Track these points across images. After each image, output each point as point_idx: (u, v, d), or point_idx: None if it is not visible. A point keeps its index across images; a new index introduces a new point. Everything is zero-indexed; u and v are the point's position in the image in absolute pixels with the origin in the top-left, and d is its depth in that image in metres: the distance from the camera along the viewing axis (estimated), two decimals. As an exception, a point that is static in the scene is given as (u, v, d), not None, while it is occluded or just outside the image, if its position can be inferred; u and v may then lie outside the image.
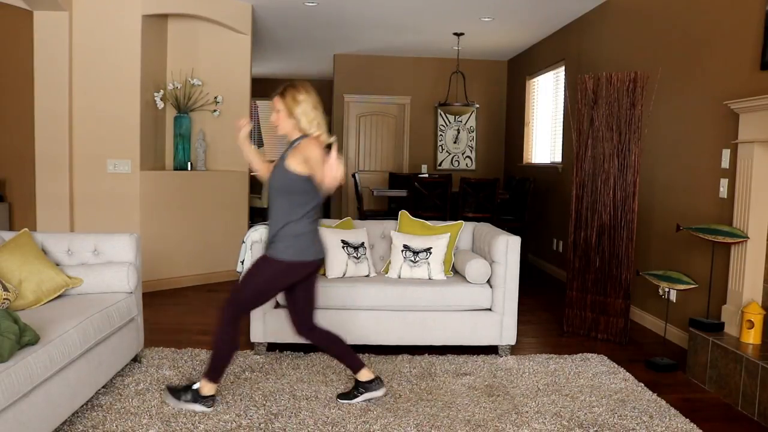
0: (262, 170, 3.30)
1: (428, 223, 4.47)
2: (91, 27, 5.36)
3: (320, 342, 3.28)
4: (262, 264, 3.05)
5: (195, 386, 3.13)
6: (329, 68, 9.77)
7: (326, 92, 11.83)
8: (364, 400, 3.25)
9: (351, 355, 3.27)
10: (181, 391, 3.13)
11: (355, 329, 3.98)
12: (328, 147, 2.97)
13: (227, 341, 3.05)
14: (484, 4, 6.21)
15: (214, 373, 3.09)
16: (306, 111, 3.03)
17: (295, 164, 2.94)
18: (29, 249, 3.31)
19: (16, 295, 3.02)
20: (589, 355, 4.13)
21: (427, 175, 6.96)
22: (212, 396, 3.13)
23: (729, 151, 3.99)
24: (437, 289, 4.01)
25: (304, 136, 3.03)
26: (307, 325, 3.22)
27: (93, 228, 5.34)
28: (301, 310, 3.19)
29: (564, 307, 4.80)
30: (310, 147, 2.90)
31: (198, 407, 3.10)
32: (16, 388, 2.33)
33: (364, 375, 3.25)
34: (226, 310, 3.03)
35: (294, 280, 3.09)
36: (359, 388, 3.25)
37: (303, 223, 2.98)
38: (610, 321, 4.56)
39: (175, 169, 6.07)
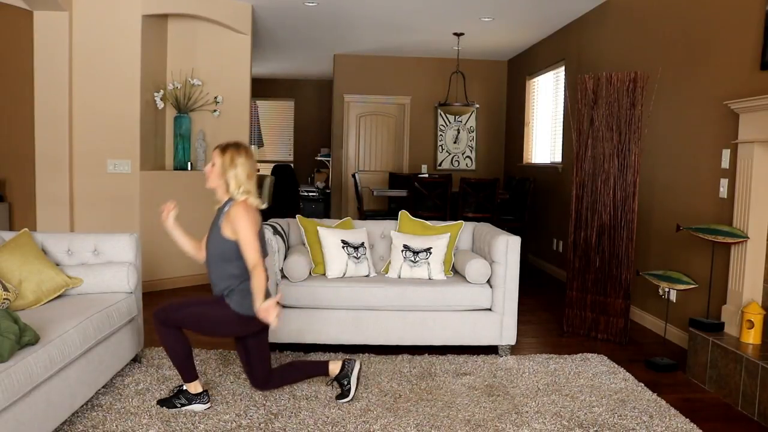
0: (194, 250, 3.29)
1: (428, 223, 4.47)
2: (91, 27, 5.36)
3: (282, 381, 3.30)
4: (217, 303, 3.06)
5: (184, 387, 3.14)
6: (329, 68, 9.77)
7: (326, 92, 11.85)
8: (356, 385, 3.27)
9: (310, 365, 3.30)
10: (173, 399, 3.13)
11: (355, 329, 3.99)
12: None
13: (173, 342, 3.05)
14: (484, 4, 6.21)
15: (186, 373, 3.11)
16: (238, 175, 3.03)
17: (229, 232, 3.01)
18: (29, 249, 3.31)
19: (16, 295, 3.03)
20: (589, 355, 4.13)
21: (427, 175, 6.96)
22: (203, 392, 3.14)
23: (729, 151, 3.99)
24: (437, 289, 4.01)
25: (231, 199, 3.07)
26: (264, 377, 3.23)
27: (93, 228, 5.34)
28: (256, 363, 3.20)
29: (564, 307, 4.80)
30: (238, 217, 2.94)
31: (197, 406, 3.10)
32: (16, 388, 2.33)
33: (334, 368, 3.27)
34: (157, 316, 3.03)
35: (246, 333, 3.12)
36: (342, 380, 3.26)
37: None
38: (610, 321, 4.56)
39: (175, 169, 6.07)
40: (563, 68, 7.01)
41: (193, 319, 3.08)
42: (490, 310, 4.08)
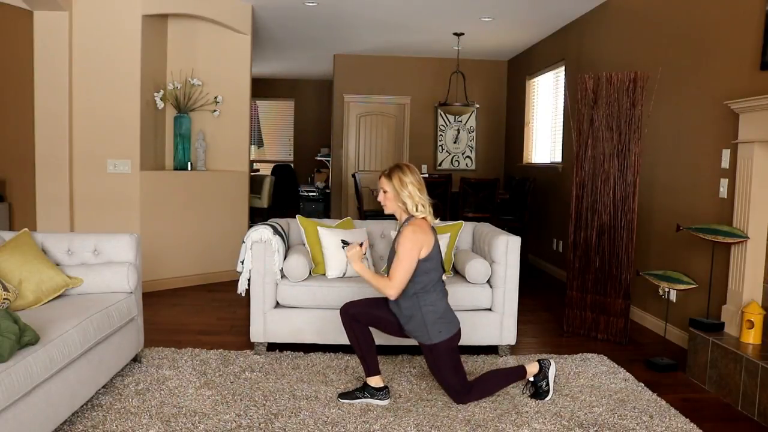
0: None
1: (428, 223, 4.46)
2: (91, 27, 5.36)
3: (483, 393, 3.32)
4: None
5: (367, 381, 3.27)
6: (329, 68, 9.77)
7: (326, 92, 11.85)
8: (553, 380, 3.37)
9: (511, 373, 3.39)
10: (356, 391, 3.27)
11: (355, 329, 3.98)
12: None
13: (361, 335, 3.24)
14: (484, 4, 6.21)
15: (369, 367, 3.26)
16: (412, 193, 3.15)
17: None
18: (29, 249, 3.31)
19: (16, 295, 3.03)
20: (589, 355, 4.13)
21: (427, 175, 6.95)
22: (384, 387, 3.25)
23: (729, 151, 3.99)
24: (437, 289, 4.00)
25: (411, 216, 3.18)
26: (458, 389, 3.28)
27: (93, 228, 5.34)
28: (448, 374, 3.27)
29: (564, 307, 4.80)
30: (403, 236, 3.08)
31: (376, 401, 3.23)
32: (16, 388, 2.33)
33: (532, 369, 3.38)
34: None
35: (456, 348, 3.25)
36: (538, 383, 3.35)
37: (436, 297, 3.19)
38: (610, 321, 4.56)
39: (175, 169, 6.07)
40: (563, 68, 7.01)
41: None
42: (490, 310, 4.08)
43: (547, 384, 3.33)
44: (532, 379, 3.36)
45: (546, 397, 3.33)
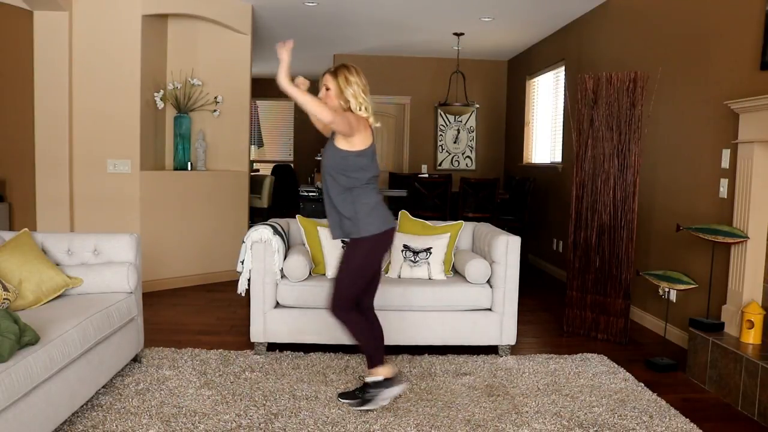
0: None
1: (428, 223, 4.47)
2: (91, 27, 5.36)
3: (348, 324, 3.15)
4: (351, 250, 3.07)
5: (369, 380, 3.15)
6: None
7: (326, 92, 11.82)
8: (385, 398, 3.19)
9: (375, 348, 3.22)
10: (362, 393, 3.15)
11: (355, 329, 3.98)
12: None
13: (361, 330, 3.13)
14: (484, 4, 6.21)
15: (374, 359, 3.14)
16: (356, 93, 3.06)
17: (342, 142, 3.02)
18: (29, 249, 3.30)
19: (16, 295, 3.02)
20: (589, 355, 4.13)
21: (427, 175, 6.95)
22: (394, 376, 3.15)
23: (729, 151, 3.99)
24: (437, 289, 4.01)
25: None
26: (367, 305, 3.25)
27: (93, 228, 5.34)
28: (366, 290, 3.21)
29: (564, 307, 4.80)
30: (341, 113, 2.95)
31: (395, 390, 3.12)
32: (16, 388, 2.33)
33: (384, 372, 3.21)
34: (333, 310, 3.08)
35: (385, 251, 3.13)
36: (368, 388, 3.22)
37: (370, 195, 3.05)
38: (610, 321, 4.56)
39: (175, 169, 6.07)
40: (563, 68, 7.01)
41: (354, 279, 3.08)
42: (490, 310, 4.08)
43: (374, 397, 3.11)
44: (369, 380, 3.15)
45: (360, 406, 3.13)
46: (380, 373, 3.15)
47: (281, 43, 3.01)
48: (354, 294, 3.12)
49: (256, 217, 8.72)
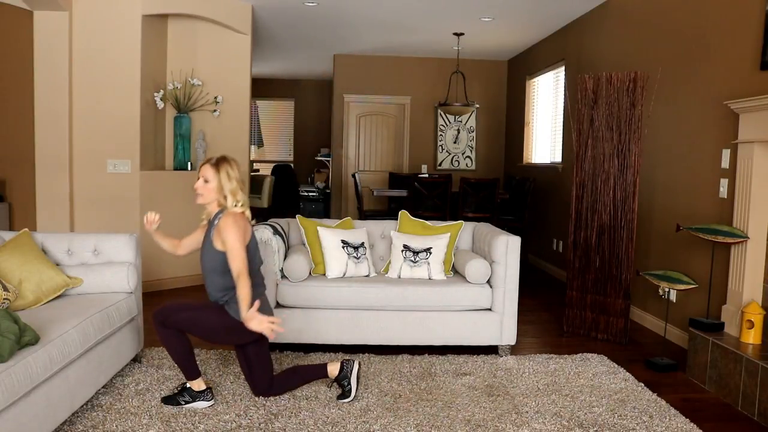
0: (172, 247, 3.41)
1: (428, 223, 4.47)
2: (91, 27, 5.36)
3: (284, 387, 3.29)
4: (217, 309, 3.11)
5: (188, 384, 3.17)
6: (329, 68, 9.77)
7: (326, 92, 11.85)
8: (356, 384, 3.26)
9: (311, 369, 3.30)
10: (177, 396, 3.15)
11: (355, 329, 3.99)
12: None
13: (173, 341, 3.09)
14: (484, 4, 6.21)
15: (188, 371, 3.15)
16: (234, 189, 3.09)
17: (219, 245, 3.05)
18: (29, 249, 3.31)
19: (16, 295, 3.03)
20: (589, 355, 4.13)
21: (427, 175, 6.95)
22: (207, 389, 3.17)
23: (729, 151, 3.99)
24: (437, 289, 4.01)
25: (223, 209, 3.10)
26: (266, 385, 3.25)
27: (93, 228, 5.34)
28: (257, 372, 3.22)
29: (564, 307, 4.80)
30: (226, 228, 2.98)
31: (200, 404, 3.13)
32: (16, 388, 2.33)
33: (333, 369, 3.26)
34: (156, 318, 3.08)
35: (243, 341, 3.14)
36: (342, 382, 3.26)
37: (253, 287, 3.04)
38: (610, 321, 4.56)
39: (175, 169, 6.07)
40: (563, 68, 7.01)
41: (192, 323, 3.12)
42: (490, 310, 4.08)
43: (349, 383, 3.24)
44: (333, 378, 3.28)
45: (349, 396, 3.24)
46: (194, 385, 3.17)
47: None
48: (180, 328, 3.11)
49: (256, 217, 8.71)
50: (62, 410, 2.72)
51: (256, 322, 2.85)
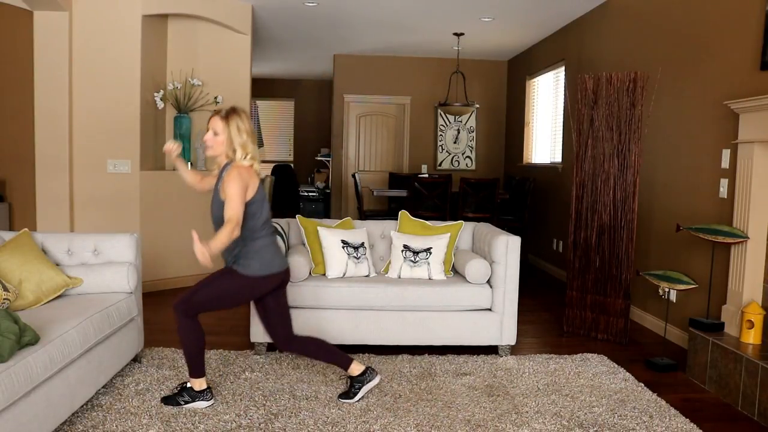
0: (194, 180, 3.34)
1: (428, 223, 4.47)
2: (91, 27, 5.36)
3: (304, 351, 3.30)
4: (227, 274, 3.08)
5: (188, 384, 3.16)
6: (329, 68, 9.77)
7: (326, 92, 11.85)
8: (364, 394, 3.26)
9: (337, 353, 3.29)
10: (177, 396, 3.15)
11: (355, 329, 3.99)
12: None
13: (191, 335, 3.09)
14: (484, 4, 6.21)
15: (195, 368, 3.14)
16: (245, 143, 3.04)
17: (224, 196, 2.99)
18: (29, 249, 3.31)
19: (16, 295, 3.03)
20: (589, 355, 4.13)
21: (427, 175, 6.95)
22: (207, 389, 3.16)
23: (729, 151, 3.99)
24: (437, 289, 4.01)
25: (231, 161, 3.06)
26: (286, 337, 3.25)
27: (93, 228, 5.34)
28: (276, 324, 3.22)
29: (564, 307, 4.80)
30: (229, 179, 2.93)
31: (200, 404, 3.12)
32: (16, 388, 2.33)
33: (355, 369, 3.26)
34: (177, 308, 3.07)
35: (262, 293, 3.14)
36: (355, 383, 3.26)
37: (261, 239, 3.05)
38: (610, 321, 4.56)
39: (175, 169, 6.05)
40: (563, 68, 7.01)
41: (213, 297, 3.09)
42: (490, 310, 4.08)
43: (359, 389, 3.24)
44: (353, 375, 3.27)
45: (351, 399, 3.23)
46: (196, 383, 3.16)
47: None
48: (204, 310, 3.13)
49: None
50: (62, 410, 2.72)
51: (198, 247, 2.76)
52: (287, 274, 3.20)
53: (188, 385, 3.17)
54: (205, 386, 3.16)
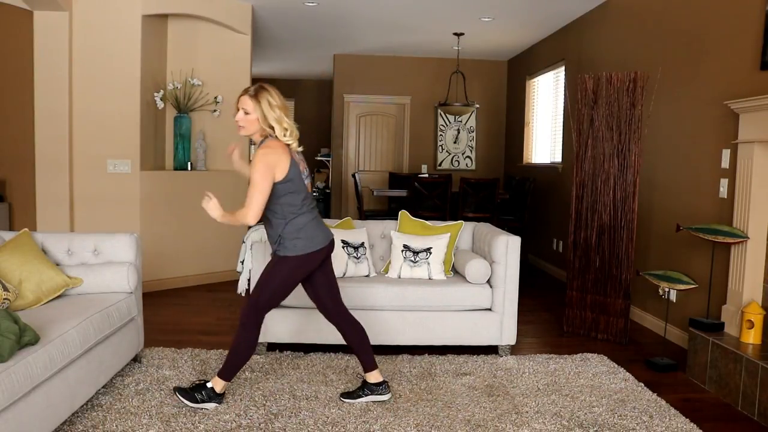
0: None
1: (428, 223, 4.47)
2: (91, 27, 5.36)
3: (344, 329, 3.27)
4: (277, 264, 3.07)
5: (209, 384, 3.14)
6: (329, 68, 9.77)
7: (326, 92, 11.85)
8: (367, 402, 3.25)
9: (369, 352, 3.29)
10: (193, 391, 3.13)
11: (355, 329, 3.98)
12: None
13: (248, 344, 3.11)
14: (484, 4, 6.21)
15: (230, 373, 3.14)
16: (281, 118, 2.98)
17: None
18: (29, 249, 3.30)
19: (16, 295, 3.03)
20: (589, 355, 4.13)
21: (427, 175, 6.95)
22: (223, 393, 3.18)
23: (729, 151, 3.99)
24: (437, 289, 4.01)
25: (268, 138, 3.00)
26: (336, 308, 3.25)
27: (93, 228, 5.34)
28: (325, 296, 3.23)
29: (564, 307, 4.81)
30: (255, 160, 2.89)
31: (210, 405, 3.12)
32: (16, 388, 2.33)
33: (374, 377, 3.26)
34: (248, 314, 3.08)
35: (311, 270, 3.12)
36: (365, 389, 3.26)
37: (303, 215, 3.03)
38: (610, 321, 4.56)
39: (175, 169, 6.07)
40: (563, 68, 7.01)
41: (274, 291, 3.09)
42: (490, 310, 4.08)
43: (365, 395, 3.23)
44: (368, 381, 3.25)
45: (352, 400, 3.22)
46: (219, 385, 3.14)
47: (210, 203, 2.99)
48: (272, 307, 3.14)
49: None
50: (62, 410, 2.72)
51: (213, 205, 2.92)
52: (332, 246, 3.16)
53: (209, 384, 3.14)
54: (224, 391, 3.18)
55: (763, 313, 3.53)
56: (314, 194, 10.96)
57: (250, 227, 4.45)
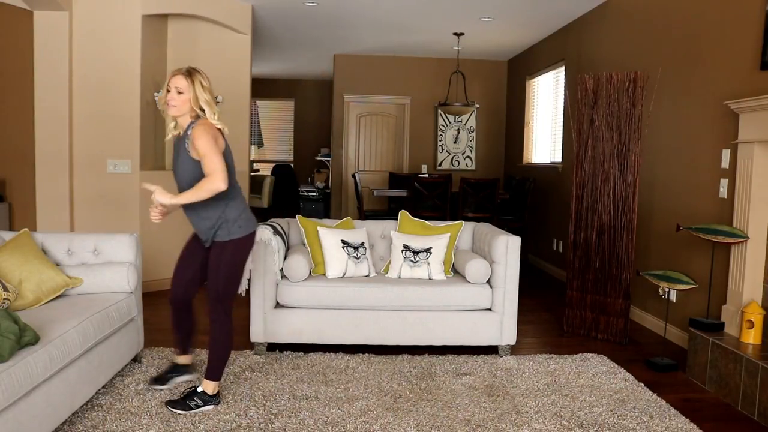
0: None
1: (428, 223, 4.47)
2: (91, 27, 5.36)
3: (188, 314, 3.33)
4: (224, 251, 3.05)
5: (199, 389, 3.13)
6: (329, 68, 9.77)
7: (326, 92, 11.85)
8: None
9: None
10: (186, 400, 3.09)
11: (356, 329, 3.99)
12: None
13: (224, 331, 3.15)
14: (484, 4, 6.21)
15: (218, 372, 3.15)
16: (210, 101, 2.99)
17: (195, 154, 2.95)
18: (29, 249, 3.30)
19: (16, 295, 3.03)
20: (589, 355, 4.13)
21: (427, 175, 6.96)
22: (218, 393, 3.18)
23: (729, 151, 3.99)
24: (437, 289, 4.01)
25: (195, 120, 2.99)
26: (193, 294, 3.28)
27: (93, 228, 5.34)
28: (200, 279, 3.22)
29: (564, 307, 4.81)
30: (199, 134, 2.87)
31: (208, 407, 3.11)
32: (16, 388, 2.33)
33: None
34: (214, 310, 3.10)
35: (250, 251, 3.15)
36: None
37: (239, 197, 3.09)
38: (610, 321, 4.56)
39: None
40: (563, 68, 7.01)
41: (230, 279, 3.09)
42: (490, 310, 4.08)
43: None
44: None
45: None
46: (209, 387, 3.13)
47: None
48: (233, 296, 3.15)
49: (256, 217, 8.71)
50: (62, 410, 2.72)
51: (159, 191, 2.93)
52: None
53: (200, 389, 3.12)
54: (217, 390, 3.16)
55: (763, 313, 3.53)
56: (314, 194, 10.96)
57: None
